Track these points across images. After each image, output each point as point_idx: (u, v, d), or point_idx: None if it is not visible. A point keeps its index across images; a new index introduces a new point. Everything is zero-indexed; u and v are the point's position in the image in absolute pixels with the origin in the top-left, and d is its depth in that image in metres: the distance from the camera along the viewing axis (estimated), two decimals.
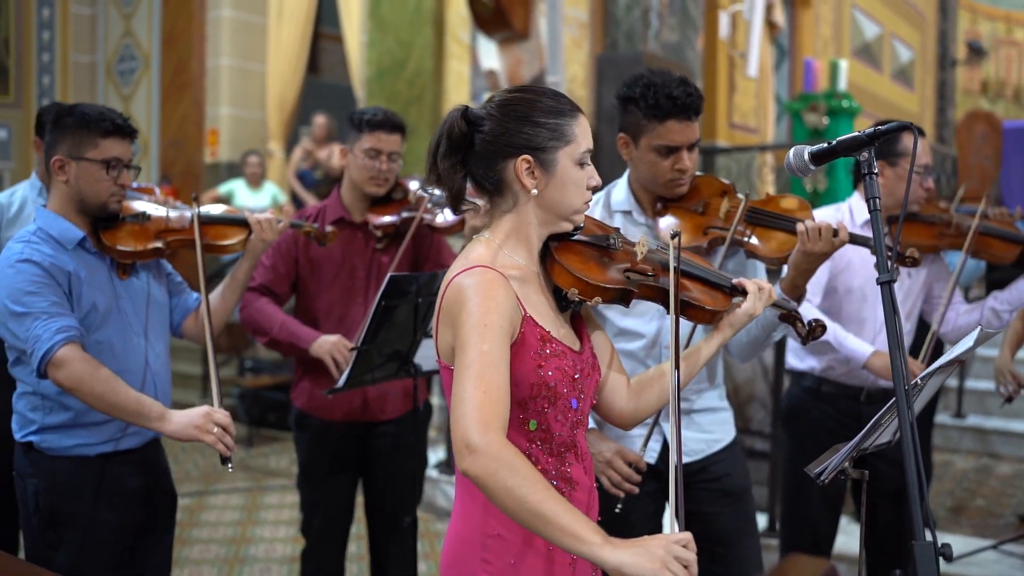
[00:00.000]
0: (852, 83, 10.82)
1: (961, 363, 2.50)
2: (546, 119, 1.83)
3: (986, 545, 4.63)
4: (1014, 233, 3.35)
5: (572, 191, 1.85)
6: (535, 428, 1.80)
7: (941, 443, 6.74)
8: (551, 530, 1.55)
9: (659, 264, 2.02)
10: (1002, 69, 15.43)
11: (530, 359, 1.77)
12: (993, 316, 3.29)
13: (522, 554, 1.80)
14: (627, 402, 2.04)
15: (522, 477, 1.57)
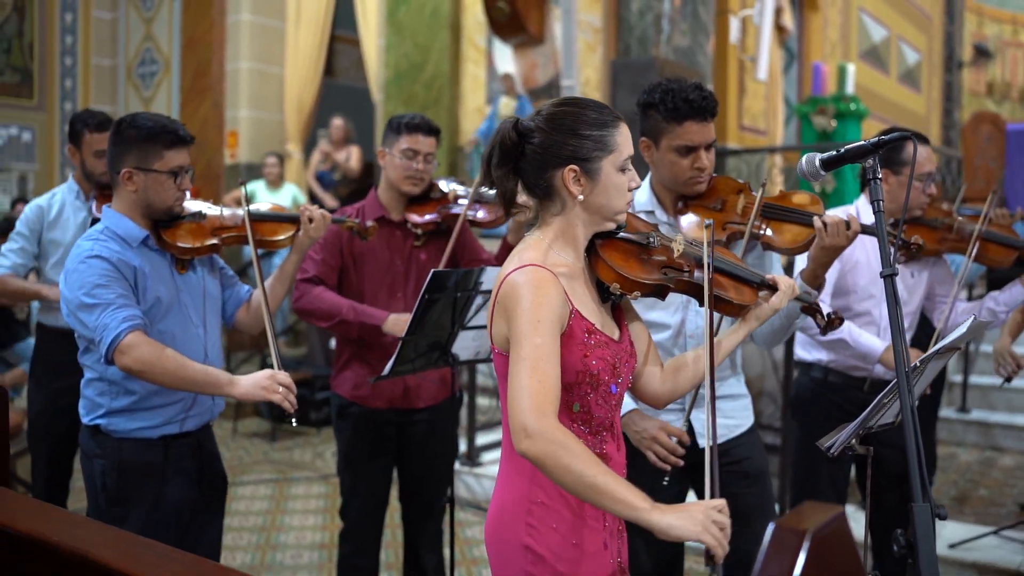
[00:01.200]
0: (859, 85, 11.00)
1: (957, 350, 2.69)
2: (591, 131, 2.00)
3: (987, 531, 4.83)
4: (1013, 239, 3.54)
5: (615, 195, 2.03)
6: (578, 410, 2.00)
7: (946, 437, 6.94)
8: (606, 500, 1.75)
9: (693, 260, 2.22)
10: (1008, 71, 15.59)
11: (577, 349, 1.95)
12: (990, 316, 3.49)
13: (562, 519, 1.99)
14: (661, 384, 2.25)
15: (577, 456, 1.76)
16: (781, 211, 2.75)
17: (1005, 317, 3.52)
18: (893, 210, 3.40)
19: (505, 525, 2.04)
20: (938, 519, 2.82)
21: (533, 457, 1.79)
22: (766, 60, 8.02)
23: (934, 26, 13.91)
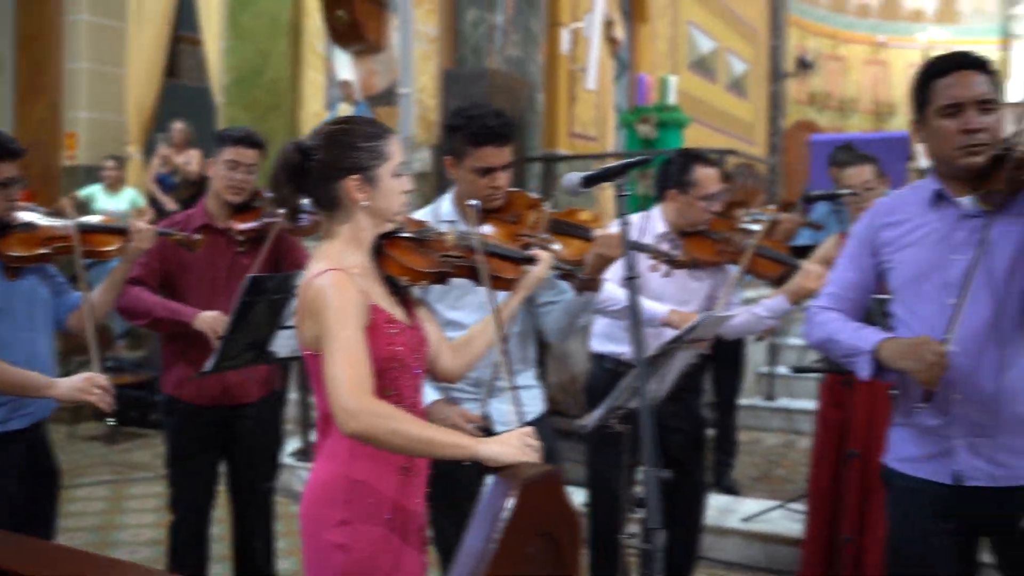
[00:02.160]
0: (688, 94, 11.62)
1: (703, 342, 3.10)
2: (367, 143, 2.27)
3: (775, 505, 5.34)
4: (782, 255, 3.97)
5: (393, 198, 2.31)
6: (391, 395, 2.24)
7: (753, 423, 7.51)
8: (437, 448, 2.06)
9: (466, 247, 2.57)
10: (828, 82, 16.61)
11: (382, 338, 2.22)
12: (756, 321, 3.91)
13: (379, 496, 2.24)
14: (452, 360, 2.54)
15: (399, 419, 2.05)
16: (566, 226, 3.11)
17: (770, 323, 3.96)
18: (682, 224, 3.81)
19: (323, 501, 2.25)
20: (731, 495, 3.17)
21: (361, 433, 2.04)
22: (595, 70, 8.46)
23: (760, 39, 14.72)
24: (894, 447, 2.64)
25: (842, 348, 2.57)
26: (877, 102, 17.09)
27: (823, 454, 4.32)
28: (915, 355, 2.35)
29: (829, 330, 2.62)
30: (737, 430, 6.38)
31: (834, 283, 2.70)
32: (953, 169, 2.46)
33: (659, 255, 3.37)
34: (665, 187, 3.83)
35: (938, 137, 2.45)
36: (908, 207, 2.58)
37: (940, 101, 2.42)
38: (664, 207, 3.85)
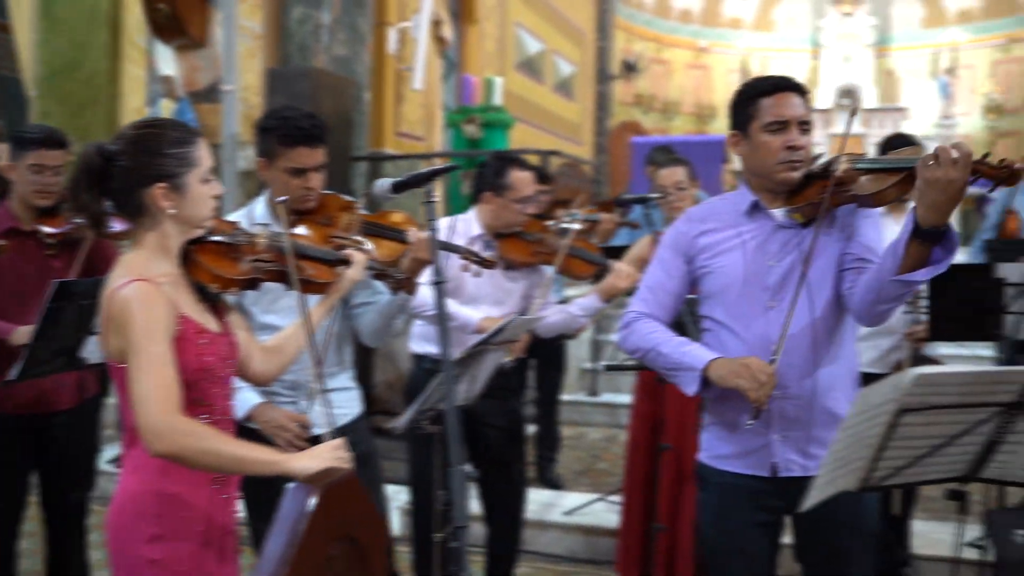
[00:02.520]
0: (515, 94, 11.80)
1: (512, 342, 3.21)
2: (174, 149, 2.20)
3: (596, 498, 5.52)
4: (592, 255, 4.12)
5: (202, 205, 2.26)
6: (201, 406, 2.20)
7: (577, 418, 7.72)
8: (248, 466, 2.04)
9: (278, 251, 2.53)
10: (653, 84, 17.15)
11: (191, 350, 2.16)
12: (571, 319, 4.05)
13: (191, 507, 2.19)
14: (264, 364, 2.51)
15: (208, 438, 2.02)
16: (378, 228, 3.15)
17: (584, 321, 4.11)
18: (498, 226, 3.90)
19: (131, 518, 2.18)
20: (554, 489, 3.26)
21: (169, 454, 2.00)
22: (422, 70, 8.51)
23: (587, 41, 15.06)
24: (710, 445, 2.77)
25: (668, 361, 2.67)
26: (699, 105, 17.73)
27: (637, 447, 4.51)
28: (748, 375, 2.46)
29: (653, 340, 2.71)
30: (560, 425, 6.56)
31: (649, 287, 2.80)
32: (770, 182, 2.63)
33: (469, 255, 3.43)
34: (480, 190, 3.91)
35: (761, 151, 2.61)
36: (723, 215, 2.73)
37: (766, 118, 2.58)
38: (480, 209, 3.94)
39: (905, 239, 2.28)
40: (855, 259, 2.58)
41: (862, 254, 2.58)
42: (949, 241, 2.29)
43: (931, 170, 2.21)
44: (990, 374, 1.89)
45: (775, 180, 2.62)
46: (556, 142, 12.78)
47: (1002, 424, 2.00)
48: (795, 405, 2.59)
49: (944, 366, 1.97)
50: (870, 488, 2.04)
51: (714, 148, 8.76)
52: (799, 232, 2.61)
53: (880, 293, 2.40)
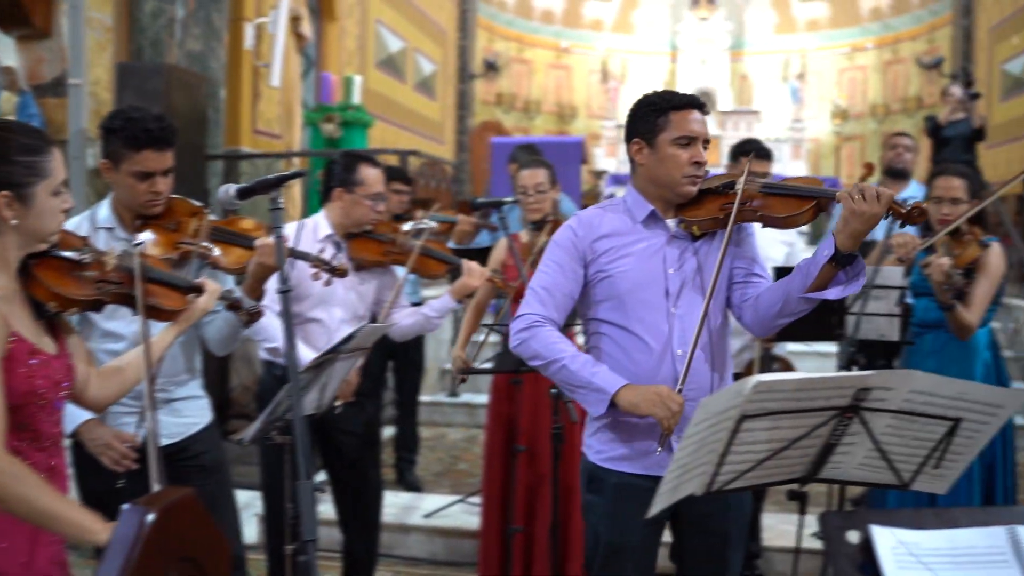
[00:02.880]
0: (376, 93, 11.71)
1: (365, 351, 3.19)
2: (23, 157, 2.06)
3: (456, 499, 5.52)
4: (444, 255, 4.12)
5: (49, 218, 2.12)
6: (25, 429, 2.07)
7: (438, 419, 7.73)
8: (62, 526, 1.88)
9: (126, 271, 2.44)
10: (515, 84, 17.26)
11: (21, 372, 2.02)
12: (426, 321, 4.05)
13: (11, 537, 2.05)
14: (100, 390, 2.39)
15: (28, 484, 1.87)
16: (227, 234, 3.08)
17: (438, 322, 4.11)
18: (347, 224, 3.87)
19: None
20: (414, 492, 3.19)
21: None
22: (279, 67, 8.33)
23: (449, 40, 15.05)
24: (602, 447, 2.79)
25: (574, 378, 2.68)
26: (560, 104, 17.89)
27: (494, 449, 4.53)
28: (661, 404, 2.55)
29: (558, 352, 2.71)
30: (420, 426, 6.54)
31: (545, 288, 2.79)
32: (670, 193, 2.75)
33: (319, 263, 3.39)
34: (330, 187, 3.87)
35: (668, 163, 2.72)
36: (616, 223, 2.79)
37: (677, 132, 2.71)
38: (329, 208, 3.89)
39: (823, 261, 2.51)
40: (747, 273, 2.79)
41: (752, 268, 2.80)
42: (858, 264, 2.55)
43: (859, 203, 2.45)
44: (824, 380, 1.96)
45: (677, 192, 2.74)
46: (417, 141, 12.73)
47: (837, 427, 2.07)
48: (692, 406, 2.64)
49: (784, 373, 2.05)
50: (715, 492, 2.08)
51: (573, 149, 8.86)
52: (691, 243, 2.76)
53: (785, 307, 2.63)
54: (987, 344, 4.21)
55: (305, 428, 2.18)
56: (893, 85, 16.86)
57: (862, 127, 17.20)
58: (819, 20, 17.79)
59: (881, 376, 1.98)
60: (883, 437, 2.13)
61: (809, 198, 2.66)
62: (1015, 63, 13.45)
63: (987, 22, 14.56)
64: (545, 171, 4.61)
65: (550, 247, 2.85)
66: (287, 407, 2.62)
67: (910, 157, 6.08)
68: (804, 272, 2.58)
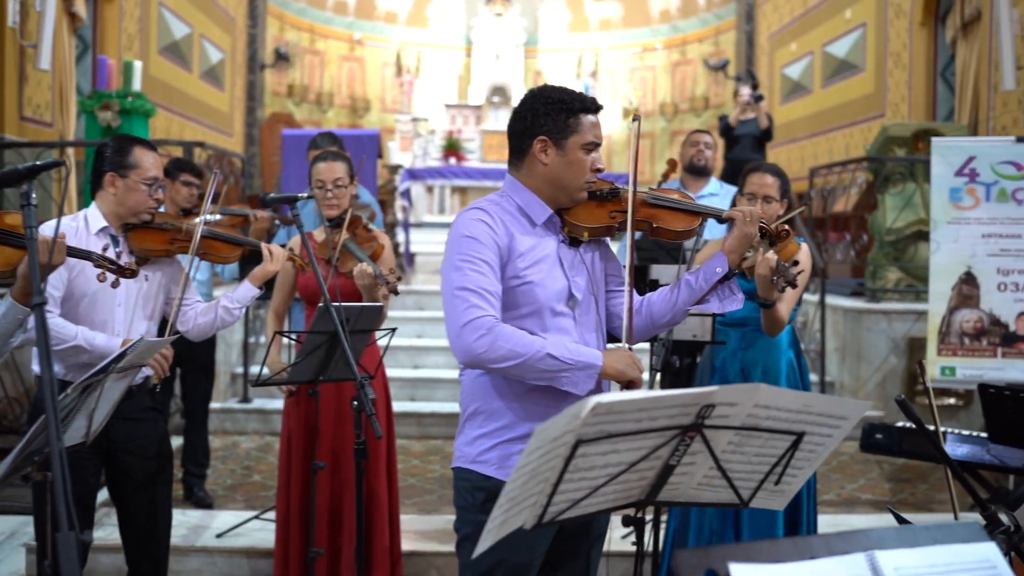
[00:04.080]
0: (159, 80, 11.02)
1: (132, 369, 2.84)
2: None
3: (251, 516, 5.15)
4: (236, 237, 3.81)
5: None
6: None
7: (229, 426, 7.27)
8: None
9: None
10: (307, 75, 16.72)
11: None
12: (225, 313, 3.72)
13: None
14: None
15: None
16: None
17: (239, 314, 3.77)
18: (123, 214, 3.50)
19: None
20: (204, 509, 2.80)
21: None
22: (48, 48, 7.66)
23: (238, 27, 14.39)
24: (502, 461, 2.59)
25: (557, 364, 2.48)
26: (353, 97, 17.48)
27: (292, 465, 4.21)
28: (635, 366, 2.56)
29: (536, 344, 2.49)
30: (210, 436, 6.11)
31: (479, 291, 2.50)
32: (566, 197, 2.67)
33: (104, 263, 3.06)
34: (101, 172, 3.47)
35: (575, 167, 2.64)
36: (513, 222, 2.61)
37: (588, 137, 2.63)
38: (101, 197, 3.50)
39: (715, 279, 2.65)
40: (619, 282, 2.79)
41: (619, 275, 2.81)
42: (734, 282, 2.70)
43: (749, 225, 2.64)
44: (668, 398, 1.78)
45: (573, 197, 2.67)
46: (205, 132, 12.09)
47: (678, 447, 1.90)
48: None
49: (625, 392, 1.85)
50: (545, 524, 1.88)
51: (368, 142, 8.55)
52: (576, 250, 2.71)
53: (674, 319, 2.75)
54: (790, 342, 4.22)
55: (65, 467, 1.84)
56: (681, 85, 17.33)
57: (652, 125, 17.60)
58: (611, 20, 18.10)
59: (726, 392, 1.82)
60: (724, 455, 1.98)
61: (697, 214, 2.76)
62: (793, 68, 14.05)
63: (767, 28, 15.16)
64: (344, 165, 4.32)
65: (467, 242, 2.56)
66: (43, 441, 2.24)
67: (710, 154, 6.13)
68: (693, 287, 2.68)
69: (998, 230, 5.76)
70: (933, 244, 5.89)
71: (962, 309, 5.80)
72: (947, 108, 10.23)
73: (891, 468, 6.59)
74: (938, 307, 5.85)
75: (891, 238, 7.80)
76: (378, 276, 3.98)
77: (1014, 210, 5.74)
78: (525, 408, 2.59)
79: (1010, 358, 5.72)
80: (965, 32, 9.37)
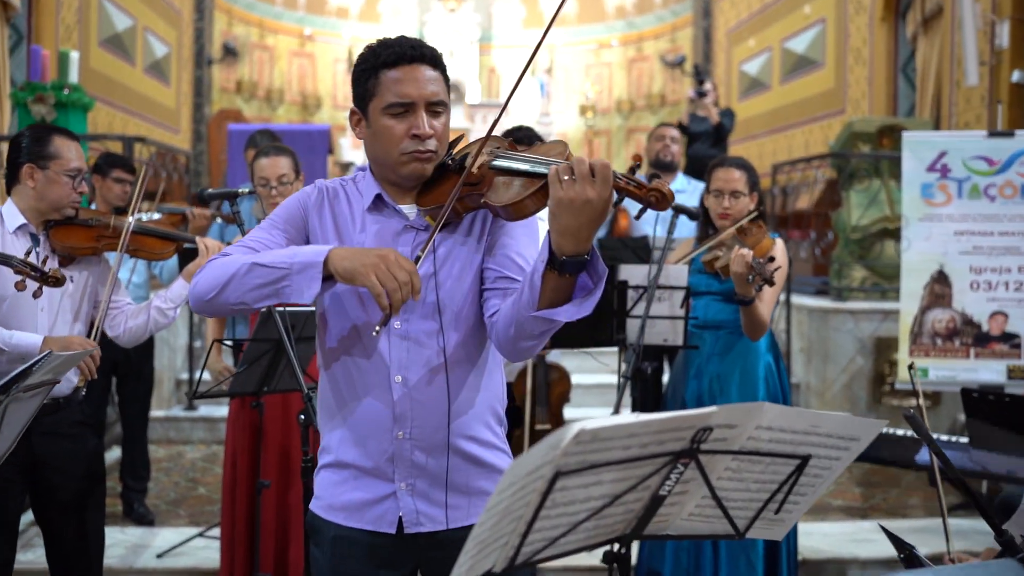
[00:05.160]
0: (99, 73, 10.60)
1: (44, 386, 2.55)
2: None
3: (194, 534, 4.85)
4: (168, 232, 3.54)
5: None
6: None
7: (173, 435, 6.93)
8: None
9: None
10: (256, 71, 16.29)
11: None
12: (160, 315, 3.44)
13: None
14: None
15: None
16: None
17: (175, 315, 3.49)
18: (44, 209, 3.24)
19: None
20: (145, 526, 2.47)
21: None
22: None
23: (184, 21, 13.97)
24: (323, 491, 2.24)
25: (271, 273, 2.00)
26: (304, 94, 17.08)
27: (236, 482, 3.91)
28: (385, 271, 1.91)
29: (240, 261, 2.04)
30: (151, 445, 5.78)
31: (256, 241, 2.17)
32: (394, 175, 2.17)
33: (26, 270, 2.79)
34: (18, 165, 3.19)
35: (382, 137, 2.13)
36: (344, 203, 2.24)
37: (388, 98, 2.10)
38: (18, 192, 3.22)
39: (541, 270, 1.88)
40: (498, 277, 2.13)
41: (507, 271, 2.14)
42: (595, 271, 1.91)
43: (566, 188, 1.80)
44: (662, 422, 1.52)
45: (401, 173, 2.15)
46: (149, 128, 11.69)
47: (669, 475, 1.65)
48: (425, 448, 2.14)
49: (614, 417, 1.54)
50: (518, 566, 1.62)
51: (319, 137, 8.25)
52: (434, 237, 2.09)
53: (520, 328, 1.98)
54: (768, 346, 4.00)
55: None
56: (638, 82, 17.13)
57: (608, 122, 17.41)
58: (566, 16, 17.86)
59: (726, 412, 1.58)
60: (720, 482, 1.73)
61: (535, 176, 1.98)
62: (752, 64, 13.91)
63: (725, 24, 15.02)
64: (288, 160, 4.01)
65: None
66: None
67: (677, 149, 5.92)
68: (530, 284, 1.92)
69: (971, 227, 5.60)
70: (904, 241, 5.72)
71: (934, 309, 5.63)
72: (908, 104, 10.12)
73: (860, 472, 6.42)
74: (910, 306, 5.68)
75: (856, 236, 7.63)
76: None
77: (987, 206, 5.58)
78: (344, 426, 2.20)
79: (983, 359, 5.56)
80: (926, 27, 9.26)
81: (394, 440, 2.13)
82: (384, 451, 2.14)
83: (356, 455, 2.17)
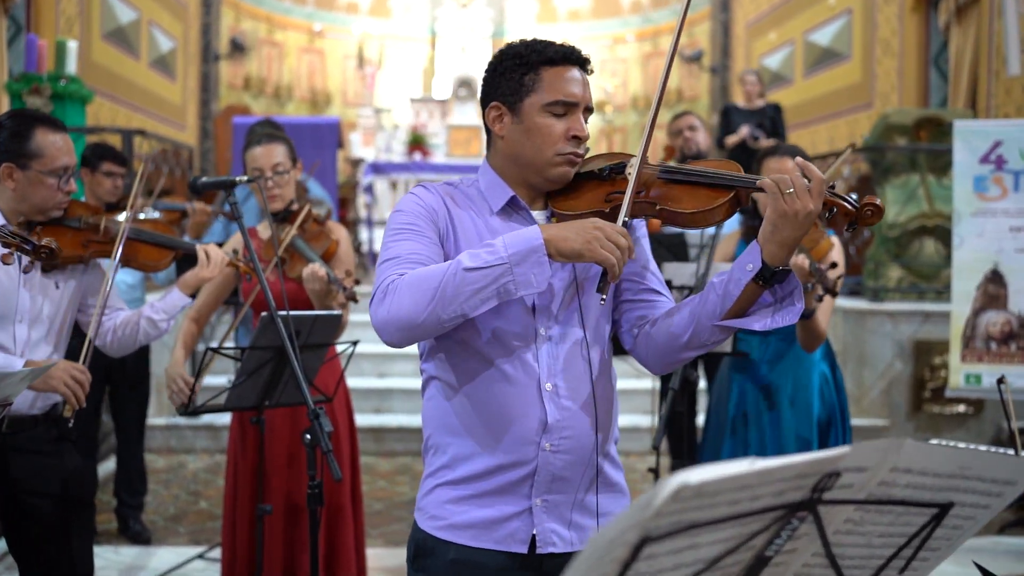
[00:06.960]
0: (102, 67, 10.28)
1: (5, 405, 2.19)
2: None
3: (194, 555, 4.49)
4: (166, 238, 3.16)
5: None
6: None
7: (174, 444, 6.58)
8: None
9: None
10: (264, 67, 15.95)
11: None
12: (151, 326, 3.09)
13: None
14: None
15: None
16: None
17: (168, 326, 3.14)
18: (26, 210, 2.88)
19: None
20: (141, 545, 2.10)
21: None
22: None
23: (190, 15, 13.64)
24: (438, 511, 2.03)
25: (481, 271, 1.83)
26: (313, 91, 16.76)
27: (236, 501, 3.54)
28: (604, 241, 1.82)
29: (441, 267, 1.87)
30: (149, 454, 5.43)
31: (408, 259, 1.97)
32: (539, 176, 2.05)
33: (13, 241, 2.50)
34: None
35: (538, 136, 2.01)
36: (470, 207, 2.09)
37: (551, 95, 2.00)
38: None
39: (746, 279, 1.87)
40: (642, 289, 2.09)
41: (646, 281, 2.10)
42: (790, 282, 1.90)
43: (789, 200, 1.79)
44: (780, 469, 1.15)
45: (547, 176, 2.03)
46: (154, 124, 11.37)
47: (779, 532, 1.28)
48: (572, 461, 1.98)
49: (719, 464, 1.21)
50: None
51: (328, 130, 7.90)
52: None
53: (695, 338, 1.96)
54: (823, 353, 3.63)
55: None
56: (654, 78, 16.74)
57: (624, 119, 17.04)
58: (580, 11, 17.51)
59: (857, 454, 1.21)
60: (836, 537, 1.36)
61: (725, 188, 1.92)
62: (773, 58, 13.53)
63: (744, 18, 14.63)
64: (283, 147, 3.57)
65: (394, 216, 2.03)
66: None
67: (702, 136, 5.52)
68: (721, 292, 1.91)
69: None
70: (956, 239, 5.33)
71: (988, 311, 5.24)
72: (940, 96, 9.73)
73: None
74: (961, 308, 5.29)
75: (893, 233, 7.25)
76: (332, 281, 3.28)
77: None
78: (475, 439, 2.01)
79: None
80: (960, 16, 8.88)
81: (540, 451, 1.97)
82: (527, 464, 1.99)
83: (491, 469, 2.00)
